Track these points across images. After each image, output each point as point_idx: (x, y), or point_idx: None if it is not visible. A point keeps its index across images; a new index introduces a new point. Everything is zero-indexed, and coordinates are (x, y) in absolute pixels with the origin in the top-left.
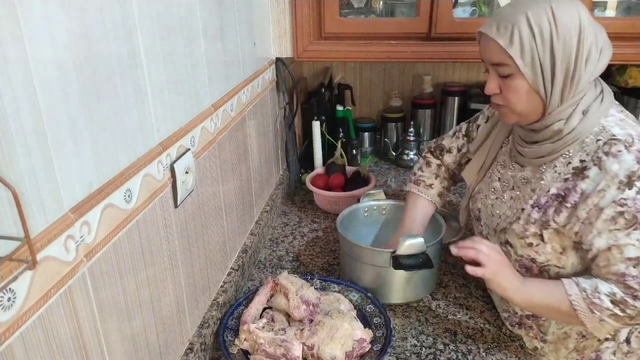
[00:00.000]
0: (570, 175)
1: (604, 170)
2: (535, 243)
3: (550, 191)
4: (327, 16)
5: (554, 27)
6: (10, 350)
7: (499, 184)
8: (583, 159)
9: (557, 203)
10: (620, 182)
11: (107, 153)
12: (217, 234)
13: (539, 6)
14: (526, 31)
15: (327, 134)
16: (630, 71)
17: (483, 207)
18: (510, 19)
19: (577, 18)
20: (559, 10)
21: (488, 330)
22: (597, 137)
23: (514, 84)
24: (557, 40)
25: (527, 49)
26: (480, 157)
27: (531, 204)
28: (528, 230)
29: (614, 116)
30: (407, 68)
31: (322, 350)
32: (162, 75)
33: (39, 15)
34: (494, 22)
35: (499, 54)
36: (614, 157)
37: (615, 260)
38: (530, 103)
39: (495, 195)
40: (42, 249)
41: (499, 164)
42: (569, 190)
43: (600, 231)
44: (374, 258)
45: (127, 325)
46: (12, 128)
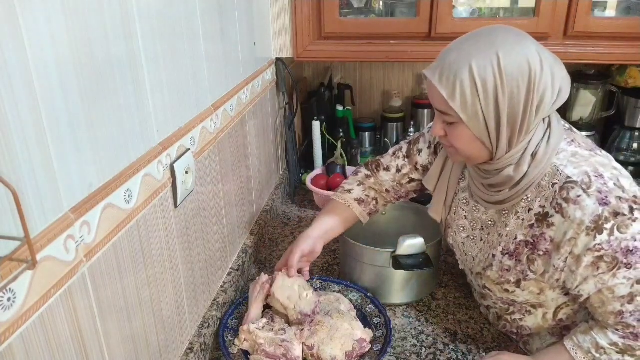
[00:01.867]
0: (534, 221)
1: (567, 217)
2: (511, 290)
3: (517, 238)
4: (327, 16)
5: (499, 80)
6: (10, 350)
7: (467, 222)
8: (542, 204)
9: (528, 251)
10: (588, 229)
11: (107, 153)
12: (217, 234)
13: (485, 55)
14: (469, 85)
15: (327, 134)
16: (630, 71)
17: (454, 243)
18: (454, 68)
19: (527, 66)
20: (507, 59)
21: (488, 330)
22: (552, 181)
23: (457, 131)
24: (503, 94)
25: (470, 103)
26: (440, 193)
27: (501, 251)
28: (504, 278)
29: (565, 151)
30: (407, 68)
31: (322, 350)
32: (162, 75)
33: (39, 15)
34: (438, 69)
35: (442, 103)
36: (574, 203)
37: (609, 300)
38: (475, 149)
39: (465, 234)
40: (42, 249)
41: (461, 201)
42: (537, 238)
43: (585, 277)
44: (374, 258)
45: (127, 325)
46: (12, 128)
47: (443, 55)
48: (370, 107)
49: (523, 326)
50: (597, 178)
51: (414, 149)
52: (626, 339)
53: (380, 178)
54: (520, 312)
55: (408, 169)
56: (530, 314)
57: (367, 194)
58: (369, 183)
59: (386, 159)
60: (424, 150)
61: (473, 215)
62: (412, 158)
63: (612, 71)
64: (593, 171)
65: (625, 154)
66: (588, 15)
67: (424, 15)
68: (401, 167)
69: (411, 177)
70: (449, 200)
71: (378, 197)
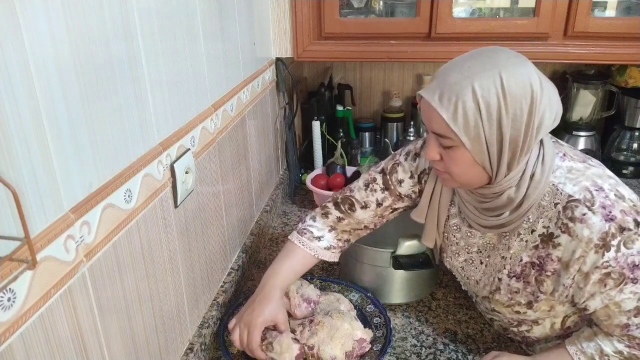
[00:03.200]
0: (538, 242)
1: (575, 237)
2: (522, 311)
3: (522, 260)
4: (327, 16)
5: (502, 102)
6: (10, 350)
7: (461, 248)
8: (546, 225)
9: (535, 272)
10: (596, 246)
11: (107, 153)
12: (217, 234)
13: (488, 76)
14: (472, 107)
15: (327, 134)
16: (630, 71)
17: (453, 268)
18: (455, 89)
19: (529, 87)
20: (510, 81)
21: (488, 330)
22: (554, 200)
23: (456, 155)
24: (506, 115)
25: (472, 125)
26: (431, 221)
27: (507, 274)
28: (514, 300)
29: (561, 168)
30: (407, 68)
31: (322, 350)
32: (162, 75)
33: (39, 15)
34: (438, 90)
35: (441, 125)
36: (580, 222)
37: (615, 314)
38: (474, 174)
39: (462, 257)
40: (42, 249)
41: (452, 227)
42: (543, 259)
43: (593, 294)
44: (374, 258)
45: (127, 325)
46: (12, 128)
47: (442, 76)
48: (370, 107)
49: (530, 336)
50: (598, 192)
51: (392, 180)
52: (631, 348)
53: (358, 217)
54: (527, 325)
55: (390, 200)
56: (538, 324)
57: (339, 238)
58: (342, 226)
59: (360, 194)
60: (406, 180)
61: (467, 241)
62: (392, 190)
63: (612, 71)
64: (592, 185)
65: (625, 154)
66: (588, 16)
67: (424, 15)
68: (382, 200)
69: (394, 207)
70: (441, 226)
71: (352, 237)
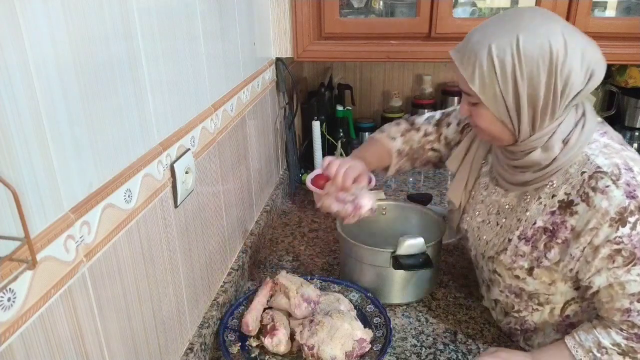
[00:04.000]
0: (556, 208)
1: (593, 207)
2: (522, 277)
3: (536, 224)
4: (327, 16)
5: (517, 62)
6: (10, 350)
7: (484, 206)
8: (568, 192)
9: (546, 237)
10: (612, 220)
11: (107, 153)
12: (217, 234)
13: (506, 36)
14: (487, 66)
15: (327, 134)
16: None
17: (469, 228)
18: (475, 49)
19: (548, 49)
20: (526, 41)
21: (488, 330)
22: (582, 169)
23: (480, 112)
24: (521, 76)
25: (488, 84)
26: (462, 176)
27: (518, 235)
28: (516, 263)
29: (598, 142)
30: (407, 68)
31: (322, 350)
32: (162, 76)
33: (39, 15)
34: (462, 50)
35: (464, 83)
36: (602, 193)
37: (618, 296)
38: (498, 130)
39: (481, 218)
40: (42, 249)
41: (481, 185)
42: (558, 226)
43: (599, 269)
44: (374, 258)
45: (127, 325)
46: (12, 128)
47: (468, 36)
48: (370, 107)
49: (528, 321)
50: (627, 171)
51: (444, 121)
52: (629, 340)
53: (412, 136)
54: (527, 310)
55: (433, 137)
56: (538, 310)
57: (404, 147)
58: (408, 136)
59: (420, 120)
60: (453, 125)
61: (491, 198)
62: (439, 128)
63: (612, 71)
64: (623, 164)
65: None
66: (588, 16)
67: (424, 15)
68: (429, 133)
69: (433, 146)
70: (470, 184)
71: (409, 154)
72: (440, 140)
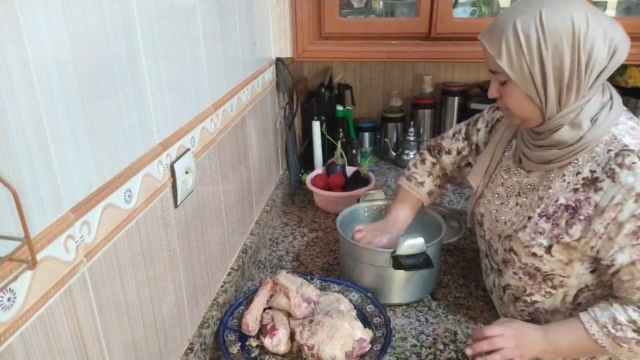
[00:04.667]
0: (580, 185)
1: (618, 183)
2: (539, 254)
3: (559, 201)
4: (327, 16)
5: (541, 35)
6: (10, 350)
7: (503, 189)
8: (593, 169)
9: (567, 215)
10: (637, 195)
11: (107, 153)
12: (217, 234)
13: (529, 13)
14: (513, 41)
15: (327, 134)
16: (630, 71)
17: (486, 212)
18: (501, 27)
19: (570, 21)
20: (549, 16)
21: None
22: (609, 147)
23: (509, 90)
24: (546, 49)
25: (515, 59)
26: (484, 160)
27: (539, 213)
28: (535, 240)
29: (625, 124)
30: (407, 68)
31: (322, 350)
32: (162, 76)
33: (39, 15)
34: (489, 30)
35: (492, 62)
36: (628, 169)
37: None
38: (527, 108)
39: (499, 201)
40: (42, 249)
41: (502, 168)
42: (581, 202)
43: (622, 246)
44: (374, 258)
45: (127, 325)
46: (12, 128)
47: (495, 18)
48: (370, 107)
49: (539, 309)
50: None
51: (473, 130)
52: None
53: (443, 162)
54: (539, 293)
55: (467, 151)
56: (551, 295)
57: (435, 184)
58: (436, 171)
59: (447, 141)
60: (482, 129)
61: (512, 179)
62: (470, 139)
63: None
64: None
65: None
66: None
67: (424, 15)
68: (461, 149)
69: (469, 160)
70: (492, 168)
71: (442, 184)
72: (474, 150)
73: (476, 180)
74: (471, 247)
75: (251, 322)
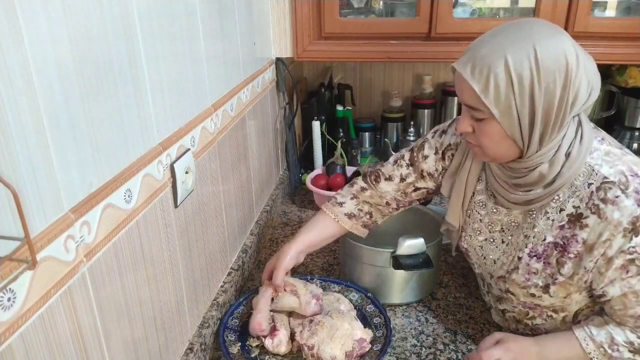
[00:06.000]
0: (565, 222)
1: (604, 219)
2: (537, 294)
3: (546, 240)
4: (327, 16)
5: (535, 74)
6: (10, 350)
7: (483, 225)
8: (577, 205)
9: (557, 253)
10: (625, 230)
11: (107, 153)
12: (217, 234)
13: (521, 48)
14: (504, 79)
15: (327, 134)
16: (630, 71)
17: (470, 247)
18: (487, 61)
19: (564, 60)
20: (544, 53)
21: (488, 330)
22: (588, 181)
23: (486, 128)
24: (539, 88)
25: (504, 97)
26: (458, 197)
27: (528, 253)
28: (530, 281)
29: (598, 150)
30: (407, 68)
31: (322, 350)
32: (162, 75)
33: (39, 15)
34: (470, 62)
35: (473, 98)
36: (612, 204)
37: (632, 304)
38: (505, 148)
39: (482, 237)
40: (42, 249)
41: (477, 204)
42: (568, 240)
43: (613, 280)
44: (374, 258)
45: (127, 325)
46: (12, 128)
47: (474, 49)
48: (370, 107)
49: (540, 327)
50: (634, 177)
51: (418, 156)
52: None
53: (380, 189)
54: (541, 317)
55: (413, 177)
56: (552, 318)
57: (359, 207)
58: (364, 196)
59: (387, 168)
60: (430, 156)
61: (491, 217)
62: (416, 166)
63: (612, 71)
64: (628, 170)
65: None
66: (588, 15)
67: (424, 15)
68: (405, 175)
69: (416, 185)
70: (466, 203)
71: (373, 210)
72: (423, 177)
73: (455, 219)
74: None
75: (264, 322)
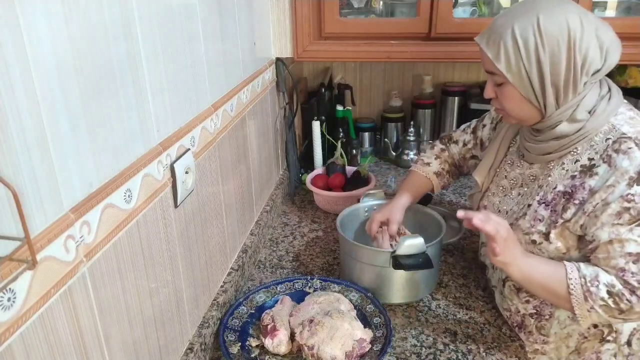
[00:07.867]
0: (577, 172)
1: (613, 166)
2: (538, 241)
3: (557, 188)
4: (327, 16)
5: (539, 39)
6: (10, 350)
7: (507, 182)
8: (592, 157)
9: (564, 200)
10: (630, 178)
11: (107, 153)
12: (217, 234)
13: (526, 17)
14: (511, 45)
15: (327, 134)
16: (630, 71)
17: (489, 204)
18: (499, 31)
19: (566, 25)
20: (546, 20)
21: (488, 330)
22: (607, 136)
23: (506, 92)
24: (544, 52)
25: (514, 62)
26: (488, 157)
27: (537, 200)
28: (534, 227)
29: (624, 114)
30: (407, 68)
31: (322, 350)
32: (162, 76)
33: (39, 15)
34: (486, 33)
35: (490, 64)
36: (624, 154)
37: (615, 253)
38: (524, 109)
39: (503, 193)
40: (42, 249)
41: (507, 163)
42: (576, 188)
43: (604, 224)
44: (374, 258)
45: (127, 325)
46: (12, 128)
47: (492, 22)
48: (370, 107)
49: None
50: None
51: (480, 125)
52: (624, 288)
53: (451, 150)
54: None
55: (472, 144)
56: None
57: (442, 167)
58: (444, 156)
59: (457, 133)
60: (487, 125)
61: (514, 173)
62: (476, 133)
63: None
64: None
65: None
66: None
67: (424, 15)
68: (467, 141)
69: (473, 153)
70: (497, 163)
71: (450, 170)
72: (477, 144)
73: (481, 177)
74: (471, 247)
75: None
